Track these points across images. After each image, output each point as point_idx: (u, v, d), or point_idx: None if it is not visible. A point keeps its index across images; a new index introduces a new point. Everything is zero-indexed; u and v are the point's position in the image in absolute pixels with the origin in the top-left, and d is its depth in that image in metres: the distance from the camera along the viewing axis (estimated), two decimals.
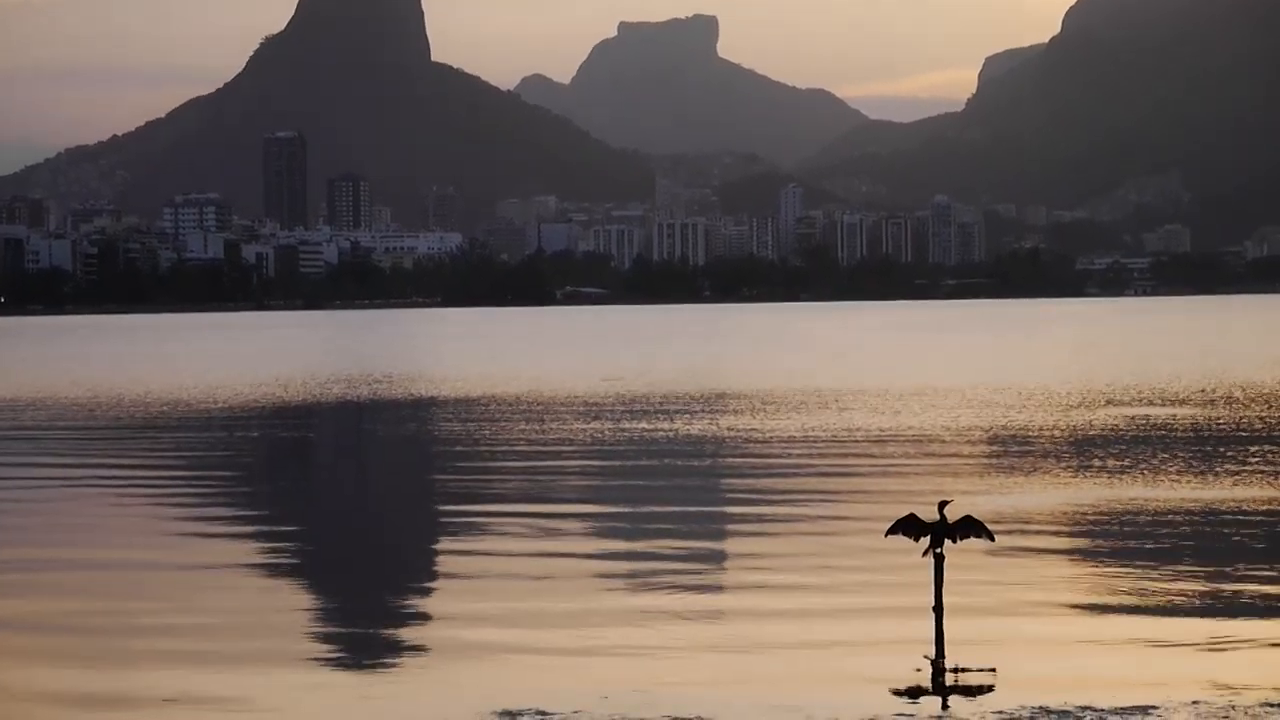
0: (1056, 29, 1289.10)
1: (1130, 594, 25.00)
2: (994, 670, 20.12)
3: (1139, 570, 27.08)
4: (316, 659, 21.44)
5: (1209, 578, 26.27)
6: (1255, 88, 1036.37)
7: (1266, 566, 27.39)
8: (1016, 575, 26.71)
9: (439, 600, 26.42)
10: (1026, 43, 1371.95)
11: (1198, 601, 24.24)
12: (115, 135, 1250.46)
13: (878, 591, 25.28)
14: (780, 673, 20.03)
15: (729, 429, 57.29)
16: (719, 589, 26.63)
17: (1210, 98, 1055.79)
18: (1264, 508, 34.57)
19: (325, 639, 23.04)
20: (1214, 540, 30.35)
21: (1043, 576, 26.73)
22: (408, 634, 23.41)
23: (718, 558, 30.41)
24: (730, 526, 34.41)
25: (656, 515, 35.98)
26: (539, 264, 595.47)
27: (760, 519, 34.62)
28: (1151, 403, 67.08)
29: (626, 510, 37.24)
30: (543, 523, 34.53)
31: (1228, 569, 27.14)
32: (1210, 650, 21.01)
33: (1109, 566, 27.65)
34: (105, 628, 23.75)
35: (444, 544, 33.11)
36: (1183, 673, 19.64)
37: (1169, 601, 24.25)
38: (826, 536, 31.53)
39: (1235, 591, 25.03)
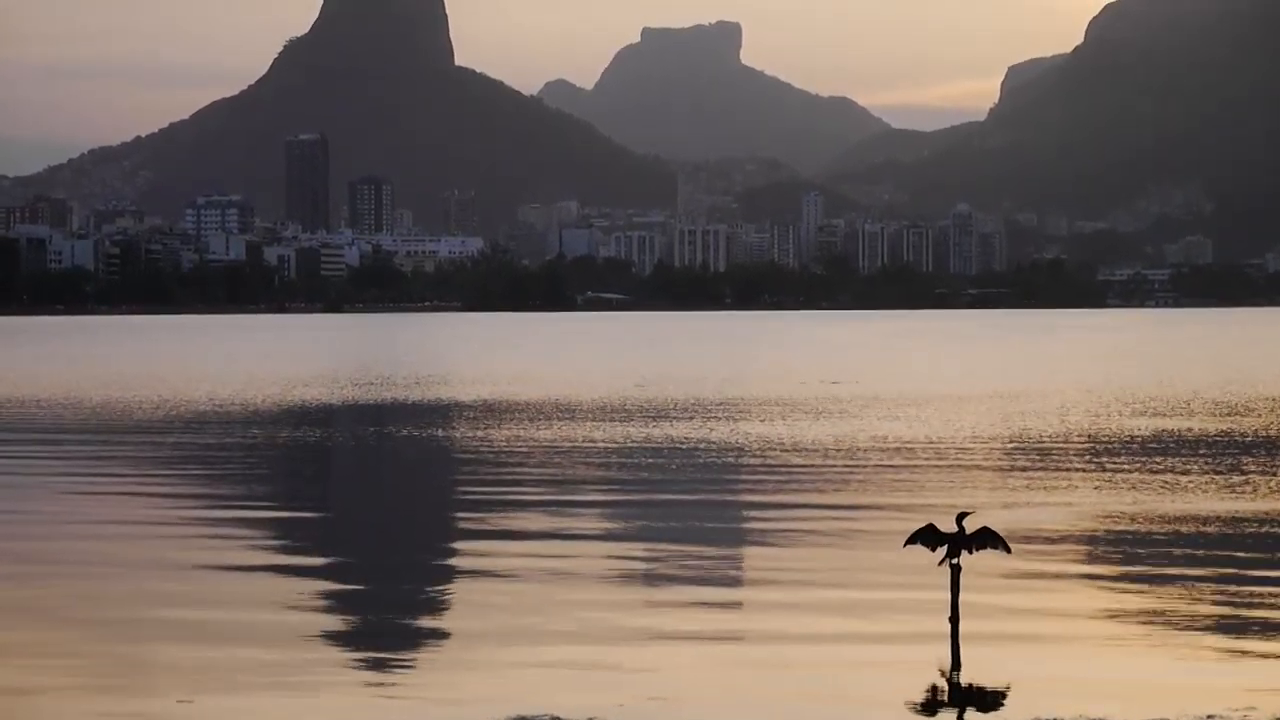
0: (1080, 39, 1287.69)
1: (1146, 607, 24.96)
2: (1009, 682, 20.10)
3: (1155, 582, 27.03)
4: (330, 664, 21.46)
5: (1226, 591, 26.21)
6: (1279, 99, 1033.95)
7: None
8: (1033, 586, 26.67)
9: (455, 606, 26.43)
10: (1050, 52, 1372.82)
11: (1213, 615, 24.19)
12: (138, 136, 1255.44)
13: (894, 602, 25.25)
14: (796, 684, 20.02)
15: (750, 436, 57.26)
16: (736, 599, 26.62)
17: (1233, 109, 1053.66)
18: None
19: (338, 644, 23.05)
20: (1231, 553, 30.28)
21: (1059, 588, 26.69)
22: (424, 639, 23.43)
23: (735, 566, 30.38)
24: (748, 535, 34.40)
25: (676, 519, 35.96)
26: (560, 269, 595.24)
27: (778, 528, 34.58)
28: (1172, 414, 66.95)
29: (646, 519, 37.23)
30: (562, 528, 34.55)
31: (1245, 582, 27.07)
32: (1226, 664, 20.98)
33: (1125, 578, 27.60)
34: (115, 635, 23.80)
35: (462, 551, 33.11)
36: (1198, 686, 19.62)
37: (1184, 614, 24.21)
38: (844, 548, 31.50)
39: (1252, 605, 24.97)
